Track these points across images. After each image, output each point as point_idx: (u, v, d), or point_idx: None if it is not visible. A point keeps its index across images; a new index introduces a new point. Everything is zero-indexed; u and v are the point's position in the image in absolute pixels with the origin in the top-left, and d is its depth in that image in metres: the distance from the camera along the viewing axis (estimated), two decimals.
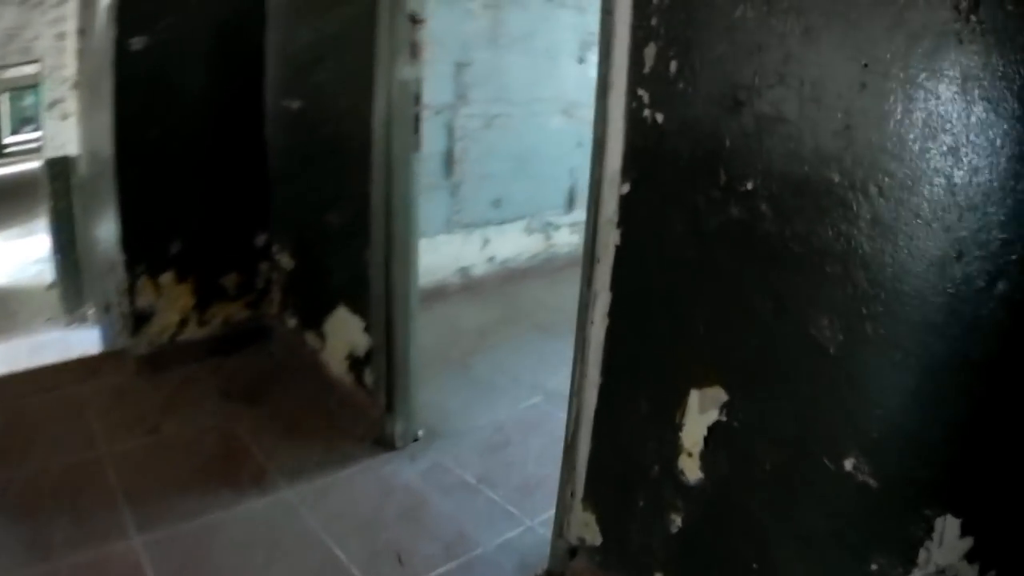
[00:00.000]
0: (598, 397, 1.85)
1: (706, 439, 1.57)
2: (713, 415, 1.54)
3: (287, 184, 3.23)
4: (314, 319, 3.11)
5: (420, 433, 2.76)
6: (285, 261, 3.29)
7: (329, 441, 2.71)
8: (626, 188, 1.68)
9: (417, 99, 2.47)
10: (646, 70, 1.59)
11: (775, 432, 1.44)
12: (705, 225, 1.51)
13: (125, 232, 2.98)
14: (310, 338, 3.15)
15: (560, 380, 2.11)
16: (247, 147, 3.20)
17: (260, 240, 3.32)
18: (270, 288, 3.38)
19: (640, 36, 1.59)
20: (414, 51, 2.41)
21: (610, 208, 1.70)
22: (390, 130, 2.45)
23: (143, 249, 3.01)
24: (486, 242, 4.68)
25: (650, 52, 1.58)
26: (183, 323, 3.15)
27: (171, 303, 3.09)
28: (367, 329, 2.74)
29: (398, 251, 2.55)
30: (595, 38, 1.73)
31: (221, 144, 3.10)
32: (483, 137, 4.41)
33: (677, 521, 1.65)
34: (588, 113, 1.73)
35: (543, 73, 4.63)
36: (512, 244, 4.83)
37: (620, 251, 1.72)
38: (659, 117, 1.59)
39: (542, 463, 2.53)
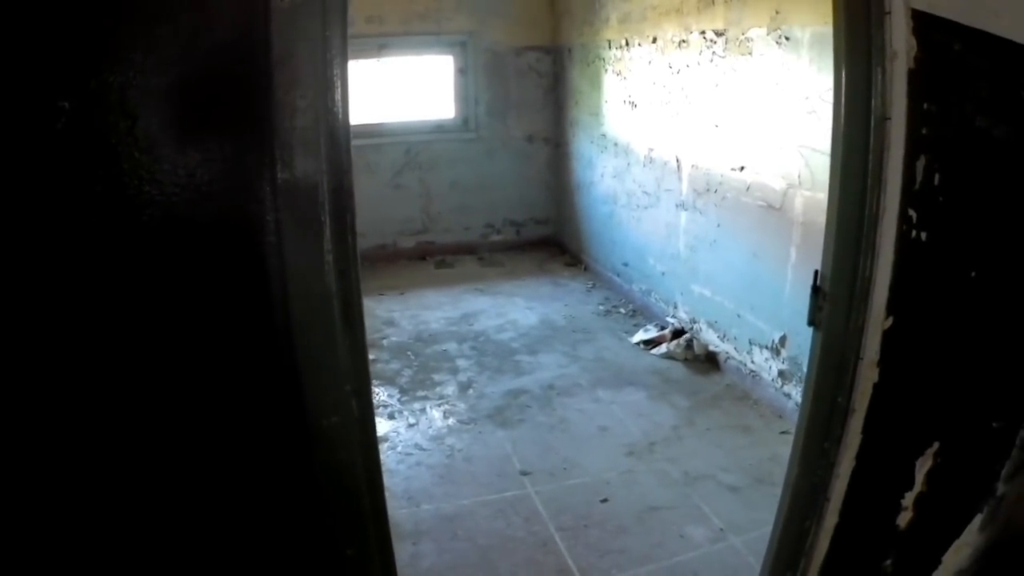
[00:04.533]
0: (831, 541, 1.60)
1: None
2: None
3: None
4: None
5: None
6: None
7: None
8: (889, 323, 1.40)
9: None
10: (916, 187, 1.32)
11: None
12: None
13: None
14: None
15: None
16: None
17: None
18: None
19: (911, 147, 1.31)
20: None
21: (872, 350, 1.41)
22: None
23: None
24: None
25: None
26: None
27: None
28: None
29: None
30: None
31: None
32: None
33: None
34: None
35: None
36: None
37: (878, 392, 1.45)
38: (923, 235, 1.35)
39: None
